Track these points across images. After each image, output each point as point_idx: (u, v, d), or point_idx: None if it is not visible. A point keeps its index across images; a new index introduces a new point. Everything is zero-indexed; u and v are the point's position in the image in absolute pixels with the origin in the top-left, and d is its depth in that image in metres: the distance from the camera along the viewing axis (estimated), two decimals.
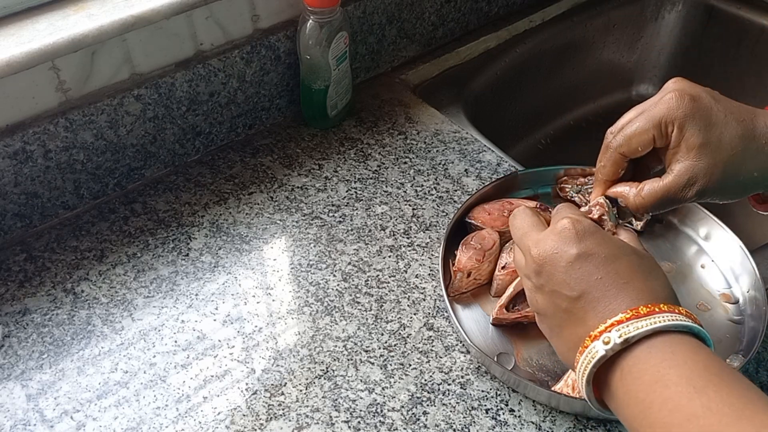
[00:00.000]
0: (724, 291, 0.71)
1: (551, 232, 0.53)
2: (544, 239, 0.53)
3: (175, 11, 0.75)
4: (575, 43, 1.15)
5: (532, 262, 0.53)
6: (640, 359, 0.46)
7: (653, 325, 0.46)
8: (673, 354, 0.46)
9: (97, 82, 0.76)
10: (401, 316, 0.70)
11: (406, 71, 1.01)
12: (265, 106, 0.90)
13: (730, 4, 1.14)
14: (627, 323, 0.47)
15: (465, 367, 0.66)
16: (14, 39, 0.68)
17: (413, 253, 0.76)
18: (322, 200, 0.82)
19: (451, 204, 0.81)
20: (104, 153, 0.79)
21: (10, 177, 0.74)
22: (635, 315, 0.47)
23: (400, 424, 0.62)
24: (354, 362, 0.66)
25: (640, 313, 0.47)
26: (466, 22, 1.06)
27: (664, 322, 0.46)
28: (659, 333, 0.46)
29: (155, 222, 0.80)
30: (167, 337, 0.68)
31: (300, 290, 0.73)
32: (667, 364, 0.45)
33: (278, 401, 0.64)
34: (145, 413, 0.63)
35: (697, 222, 0.75)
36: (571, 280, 0.50)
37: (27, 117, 0.73)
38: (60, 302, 0.72)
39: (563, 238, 0.52)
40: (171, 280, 0.74)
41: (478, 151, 0.88)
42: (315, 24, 0.82)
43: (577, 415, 0.62)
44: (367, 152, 0.88)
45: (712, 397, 0.43)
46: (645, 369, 0.46)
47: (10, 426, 0.62)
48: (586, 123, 1.21)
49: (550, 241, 0.52)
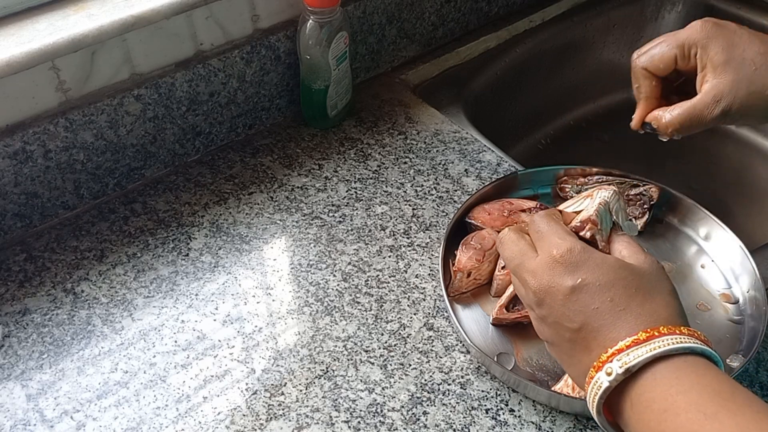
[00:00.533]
0: (724, 291, 0.71)
1: (544, 263, 0.52)
2: (539, 271, 0.52)
3: (175, 11, 0.75)
4: (575, 43, 1.15)
5: (532, 295, 0.53)
6: (646, 387, 0.45)
7: (653, 351, 0.45)
8: (678, 379, 0.45)
9: (97, 82, 0.76)
10: (401, 316, 0.70)
11: (406, 71, 1.01)
12: (265, 106, 0.90)
13: (730, 4, 1.14)
14: (627, 351, 0.46)
15: (465, 367, 0.66)
16: (14, 39, 0.68)
17: (413, 253, 0.76)
18: (322, 200, 0.82)
19: (451, 204, 0.81)
20: (104, 153, 0.79)
21: (10, 177, 0.74)
22: (635, 342, 0.46)
23: (400, 424, 0.62)
24: (354, 362, 0.66)
25: (640, 340, 0.46)
26: (466, 22, 1.06)
27: (665, 346, 0.45)
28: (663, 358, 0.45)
29: (155, 222, 0.80)
30: (167, 337, 0.68)
31: (300, 290, 0.73)
32: (675, 390, 0.44)
33: (278, 401, 0.64)
34: (145, 413, 0.63)
35: (697, 222, 0.75)
36: (570, 312, 0.50)
37: (27, 117, 0.73)
38: (60, 302, 0.72)
39: (557, 272, 0.51)
40: (171, 280, 0.74)
41: (478, 151, 0.88)
42: (315, 24, 0.82)
43: (577, 415, 0.62)
44: (367, 152, 0.88)
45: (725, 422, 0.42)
46: (653, 398, 0.45)
47: (10, 426, 0.62)
48: (586, 123, 1.21)
49: (545, 274, 0.51)
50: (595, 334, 0.49)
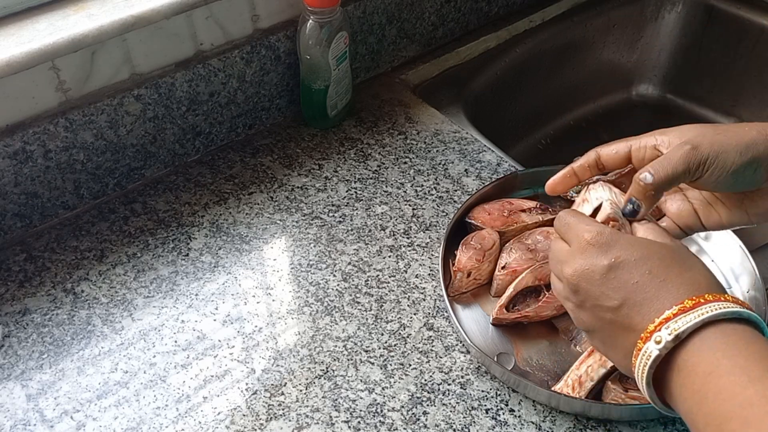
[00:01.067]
0: None
1: (577, 249, 0.52)
2: (572, 258, 0.52)
3: (175, 11, 0.75)
4: (575, 43, 1.15)
5: (567, 283, 0.53)
6: (693, 353, 0.46)
7: (702, 316, 0.45)
8: (725, 345, 0.45)
9: (97, 82, 0.76)
10: (401, 316, 0.70)
11: (406, 71, 1.01)
12: (265, 106, 0.90)
13: (730, 4, 1.14)
14: (675, 319, 0.46)
15: (465, 367, 0.66)
16: (14, 39, 0.68)
17: (413, 253, 0.76)
18: (322, 200, 0.82)
19: (451, 204, 0.81)
20: (104, 153, 0.79)
21: (10, 177, 0.74)
22: (682, 310, 0.46)
23: (400, 424, 0.62)
24: (354, 362, 0.66)
25: (686, 307, 0.46)
26: (466, 22, 1.06)
27: (712, 311, 0.46)
28: (710, 324, 0.46)
29: (155, 222, 0.80)
30: (167, 337, 0.68)
31: (300, 290, 0.73)
32: (721, 354, 0.45)
33: (278, 401, 0.64)
34: (145, 413, 0.63)
35: None
36: (609, 290, 0.50)
37: (27, 117, 0.73)
38: (60, 302, 0.72)
39: (591, 254, 0.51)
40: (171, 280, 0.74)
41: (478, 151, 0.88)
42: (315, 24, 0.82)
43: (577, 415, 0.62)
44: (367, 152, 0.88)
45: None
46: (698, 362, 0.45)
47: (10, 426, 0.62)
48: (586, 123, 1.21)
49: (579, 258, 0.52)
50: (638, 308, 0.49)
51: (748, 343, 0.45)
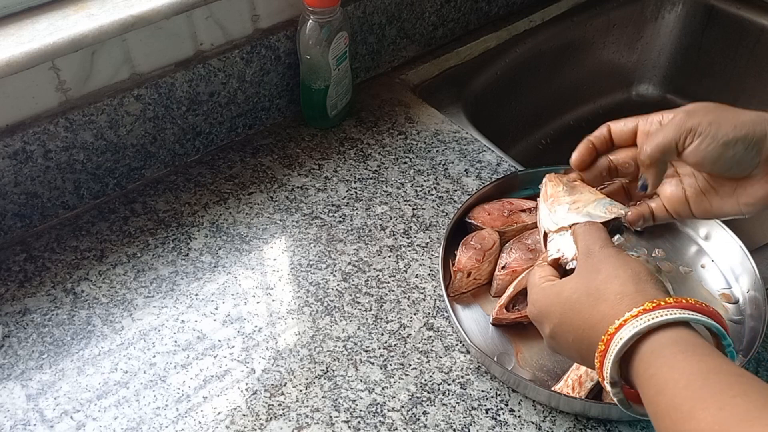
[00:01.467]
0: (724, 291, 0.71)
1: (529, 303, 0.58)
2: (530, 307, 0.58)
3: (175, 11, 0.75)
4: (575, 43, 1.15)
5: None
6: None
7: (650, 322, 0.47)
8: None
9: (97, 82, 0.76)
10: (401, 316, 0.70)
11: (406, 71, 1.01)
12: (265, 106, 0.90)
13: (730, 4, 1.14)
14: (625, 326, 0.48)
15: (465, 367, 0.66)
16: (14, 39, 0.68)
17: (413, 253, 0.76)
18: (322, 200, 0.82)
19: (451, 204, 0.81)
20: (104, 153, 0.79)
21: (10, 177, 0.74)
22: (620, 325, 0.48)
23: (400, 424, 0.62)
24: (354, 362, 0.66)
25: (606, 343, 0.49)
26: (466, 22, 1.06)
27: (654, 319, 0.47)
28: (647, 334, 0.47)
29: (155, 222, 0.80)
30: (167, 337, 0.68)
31: (300, 290, 0.73)
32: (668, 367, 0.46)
33: (278, 401, 0.64)
34: (145, 413, 0.63)
35: (697, 222, 0.75)
36: (561, 342, 0.54)
37: (27, 117, 0.73)
38: (60, 302, 0.72)
39: (535, 320, 0.57)
40: (171, 280, 0.74)
41: (478, 151, 0.88)
42: (315, 24, 0.82)
43: (577, 415, 0.62)
44: (367, 152, 0.88)
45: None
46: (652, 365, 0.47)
47: (10, 426, 0.62)
48: (586, 123, 1.21)
49: (533, 313, 0.58)
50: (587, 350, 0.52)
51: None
